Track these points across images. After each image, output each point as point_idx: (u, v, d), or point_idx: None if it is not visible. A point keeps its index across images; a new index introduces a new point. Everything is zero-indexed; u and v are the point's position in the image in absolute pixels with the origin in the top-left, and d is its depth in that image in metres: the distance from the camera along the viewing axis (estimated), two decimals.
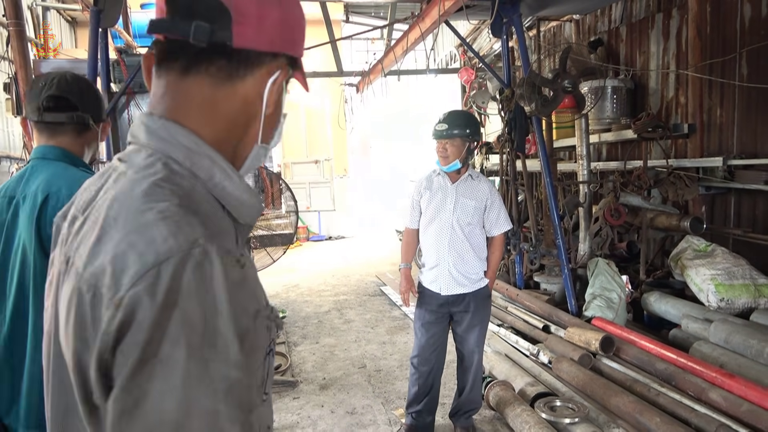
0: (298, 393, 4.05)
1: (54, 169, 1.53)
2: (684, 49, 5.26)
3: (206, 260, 0.64)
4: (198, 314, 0.62)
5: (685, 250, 4.54)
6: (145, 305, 0.60)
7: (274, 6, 0.79)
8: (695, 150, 5.11)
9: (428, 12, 4.91)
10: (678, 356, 3.40)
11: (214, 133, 0.78)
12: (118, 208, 0.69)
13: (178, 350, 0.60)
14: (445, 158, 3.13)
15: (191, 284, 0.62)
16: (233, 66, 0.78)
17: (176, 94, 0.78)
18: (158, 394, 0.59)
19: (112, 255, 0.65)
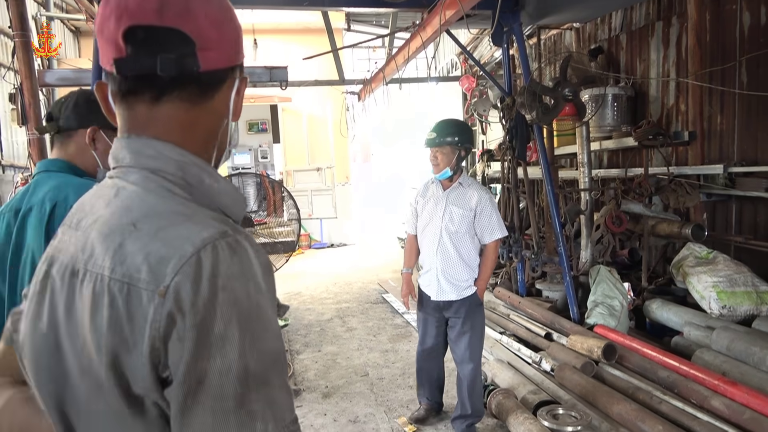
0: (300, 401, 4.05)
1: (59, 179, 1.56)
2: (684, 57, 5.28)
3: (239, 246, 0.70)
4: (243, 293, 0.67)
5: (686, 257, 4.54)
6: (192, 291, 0.65)
7: (229, 26, 0.83)
8: (696, 157, 5.12)
9: (429, 21, 4.95)
10: (680, 364, 3.40)
11: (195, 145, 0.82)
12: (132, 216, 0.73)
13: (231, 328, 0.65)
14: (435, 166, 3.24)
15: (232, 267, 0.68)
16: (203, 88, 0.81)
17: (151, 118, 0.80)
18: (218, 370, 0.64)
19: (145, 254, 0.68)
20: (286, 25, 10.99)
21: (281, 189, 4.91)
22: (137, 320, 0.67)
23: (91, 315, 0.70)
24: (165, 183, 0.77)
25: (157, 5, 0.75)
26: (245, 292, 0.68)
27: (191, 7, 0.77)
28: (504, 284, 5.93)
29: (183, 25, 0.76)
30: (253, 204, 4.70)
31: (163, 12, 0.75)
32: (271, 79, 6.25)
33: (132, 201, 0.75)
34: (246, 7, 5.02)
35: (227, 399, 0.64)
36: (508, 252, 5.41)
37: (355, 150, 14.54)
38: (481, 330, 3.42)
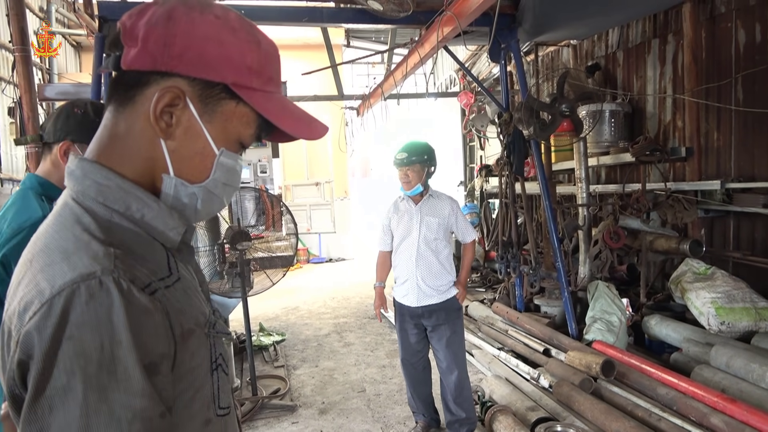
0: (297, 417, 4.01)
1: (15, 198, 1.58)
2: (680, 73, 5.32)
3: (101, 291, 0.64)
4: (94, 344, 0.61)
5: (685, 273, 4.54)
6: (36, 339, 0.61)
7: (159, 26, 0.75)
8: (693, 173, 5.14)
9: (427, 38, 4.99)
10: (679, 380, 3.38)
11: (125, 165, 0.77)
12: (33, 250, 0.71)
13: (74, 380, 0.60)
14: (407, 183, 3.41)
15: (84, 315, 0.62)
16: (124, 89, 0.77)
17: (98, 132, 0.80)
18: (58, 426, 0.59)
19: (21, 296, 0.66)
20: (286, 40, 11.06)
21: (280, 204, 4.90)
22: (6, 362, 0.66)
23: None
24: (77, 210, 0.73)
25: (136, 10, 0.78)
26: (96, 343, 0.61)
27: (148, 9, 0.77)
28: (502, 300, 5.92)
29: (125, 22, 0.76)
30: (251, 218, 4.70)
31: (131, 12, 0.78)
32: None
33: (40, 234, 0.74)
34: None
35: None
36: (507, 267, 5.40)
37: (353, 165, 14.57)
38: (462, 335, 3.53)
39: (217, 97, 0.79)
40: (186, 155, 0.79)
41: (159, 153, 0.78)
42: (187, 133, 0.78)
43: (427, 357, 3.63)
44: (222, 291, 4.36)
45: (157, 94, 0.75)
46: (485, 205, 7.93)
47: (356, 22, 5.09)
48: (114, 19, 4.34)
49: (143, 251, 0.74)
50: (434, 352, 3.51)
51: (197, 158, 0.80)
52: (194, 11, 0.77)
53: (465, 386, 3.41)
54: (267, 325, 6.40)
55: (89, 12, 5.87)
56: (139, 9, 0.77)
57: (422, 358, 3.58)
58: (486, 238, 7.65)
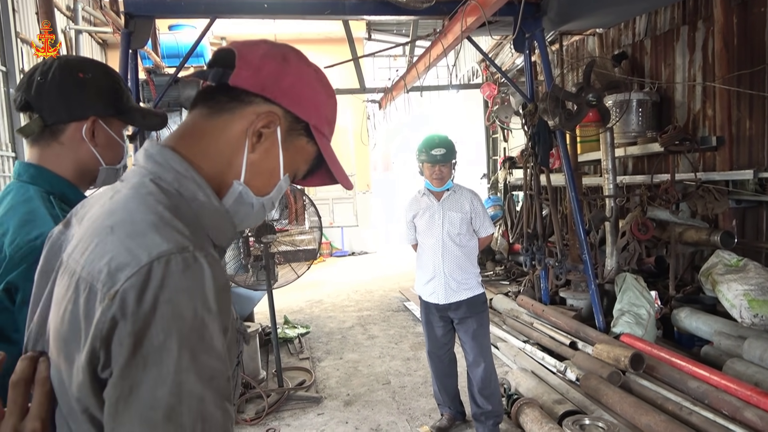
0: (322, 409, 4.04)
1: (18, 199, 1.25)
2: (711, 61, 5.19)
3: (195, 262, 0.71)
4: (189, 308, 0.68)
5: (715, 265, 4.44)
6: (134, 299, 0.66)
7: (275, 61, 0.90)
8: (724, 163, 5.01)
9: (450, 28, 4.94)
10: (711, 374, 3.31)
11: (203, 161, 0.86)
12: (113, 219, 0.76)
13: (170, 341, 0.66)
14: (440, 180, 3.42)
15: (182, 282, 0.69)
16: (226, 100, 0.88)
17: (182, 124, 0.90)
18: (152, 380, 0.65)
19: (110, 257, 0.71)
20: (308, 34, 11.09)
21: (303, 197, 4.92)
22: (89, 319, 0.69)
23: (61, 308, 0.74)
24: (155, 190, 0.80)
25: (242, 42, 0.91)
26: (191, 309, 0.68)
27: (261, 45, 0.91)
28: (527, 292, 5.87)
29: (239, 48, 0.89)
30: (275, 212, 4.72)
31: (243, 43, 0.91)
32: None
33: (118, 205, 0.79)
34: (268, 17, 5.07)
35: (157, 410, 0.65)
36: (531, 259, 5.35)
37: (375, 159, 14.57)
38: (488, 327, 3.53)
39: (298, 132, 0.93)
40: (259, 170, 0.90)
41: (239, 161, 0.88)
42: (267, 152, 0.90)
43: (453, 350, 3.63)
44: (247, 284, 4.40)
45: (262, 114, 0.88)
46: (509, 197, 7.85)
47: (378, 14, 5.07)
48: (139, 15, 4.39)
49: (202, 237, 0.83)
50: (461, 345, 3.51)
51: (266, 175, 0.92)
52: (303, 61, 0.95)
53: (492, 379, 3.40)
54: (291, 317, 6.45)
55: (115, 9, 5.95)
56: (255, 42, 0.91)
57: (448, 350, 3.58)
58: (510, 231, 7.58)
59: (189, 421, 0.66)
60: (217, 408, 0.69)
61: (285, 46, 0.94)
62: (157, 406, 0.65)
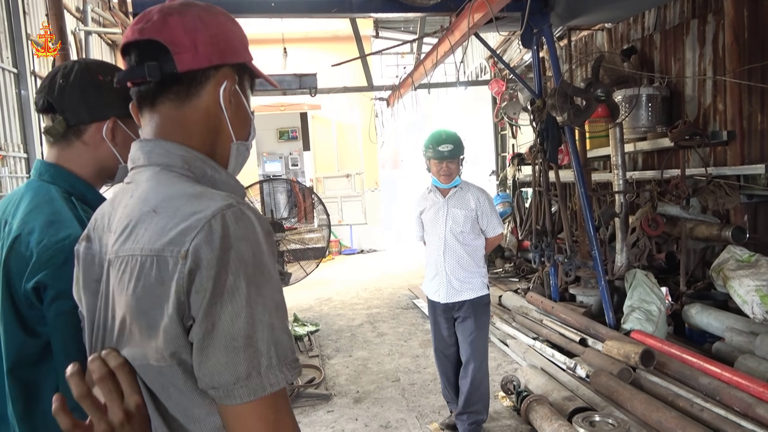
0: (332, 406, 4.06)
1: (40, 199, 1.26)
2: (721, 54, 5.14)
3: (243, 214, 0.83)
4: (248, 251, 0.80)
5: (727, 260, 4.40)
6: (207, 250, 0.78)
7: (201, 30, 0.95)
8: (735, 157, 4.96)
9: (457, 25, 4.93)
10: (722, 370, 3.29)
11: (194, 141, 0.96)
12: (151, 204, 0.87)
13: (239, 280, 0.78)
14: (448, 176, 3.38)
15: (238, 230, 0.80)
16: (186, 87, 0.95)
17: (155, 121, 0.96)
18: (230, 314, 0.77)
19: (168, 230, 0.81)
20: (315, 33, 11.10)
21: (311, 195, 4.94)
22: (166, 282, 0.80)
23: (127, 289, 0.84)
24: (173, 175, 0.91)
25: (140, 25, 0.94)
26: (250, 251, 0.80)
27: (168, 20, 0.94)
28: (536, 289, 5.85)
29: (158, 35, 0.93)
30: (284, 210, 4.74)
31: (144, 29, 0.93)
32: (300, 87, 6.33)
33: (148, 194, 0.89)
34: (275, 16, 5.09)
35: (237, 339, 0.77)
36: (541, 256, 5.33)
37: (384, 156, 14.57)
38: (486, 330, 3.51)
39: (241, 72, 1.02)
40: (238, 122, 1.02)
41: (225, 128, 1.00)
42: (238, 105, 1.01)
43: (458, 346, 3.58)
44: None
45: (225, 83, 0.97)
46: (518, 194, 7.83)
47: (385, 12, 5.07)
48: None
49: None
50: (459, 342, 3.49)
51: (243, 121, 1.03)
52: (210, 11, 0.99)
53: (481, 382, 3.40)
54: (301, 315, 6.47)
55: (124, 10, 5.99)
56: (162, 21, 0.93)
57: (455, 350, 3.55)
58: (519, 228, 7.56)
59: (264, 346, 0.78)
60: (284, 333, 0.81)
61: (186, 5, 0.97)
62: (237, 336, 0.77)
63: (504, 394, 3.92)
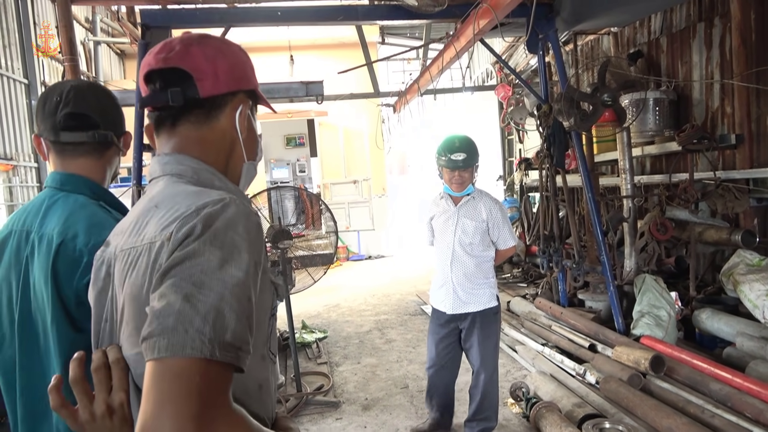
0: (340, 413, 4.06)
1: (72, 206, 1.35)
2: (728, 57, 5.12)
3: (232, 203, 0.89)
4: (226, 233, 0.84)
5: (737, 264, 4.37)
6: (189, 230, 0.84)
7: (221, 59, 1.05)
8: (744, 161, 4.94)
9: (463, 31, 4.94)
10: (733, 376, 3.26)
11: (209, 158, 1.05)
12: (156, 201, 0.95)
13: (208, 251, 0.82)
14: (460, 185, 3.28)
15: (222, 216, 0.86)
16: (206, 111, 1.05)
17: (174, 140, 1.05)
18: (186, 271, 0.80)
19: (163, 221, 0.89)
20: (322, 40, 11.16)
21: (319, 202, 4.95)
22: (152, 265, 0.86)
23: (127, 279, 0.91)
24: (183, 181, 0.99)
25: (164, 54, 1.02)
26: (228, 234, 0.84)
27: (190, 50, 1.02)
28: (545, 295, 5.83)
29: (182, 63, 1.01)
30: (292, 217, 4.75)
31: (168, 58, 1.01)
32: (307, 94, 6.35)
33: (156, 194, 0.98)
34: (282, 25, 5.12)
35: (179, 291, 0.78)
36: (549, 261, 5.32)
37: (391, 162, 14.58)
38: (497, 338, 3.42)
39: (252, 97, 1.14)
40: (249, 143, 1.12)
41: (238, 148, 1.10)
42: (250, 127, 1.13)
43: (458, 364, 3.49)
44: None
45: (240, 108, 1.08)
46: (525, 199, 7.82)
47: (391, 19, 5.08)
48: (156, 26, 4.46)
49: None
50: (465, 352, 3.41)
51: (254, 142, 1.15)
52: (227, 43, 1.10)
53: (490, 391, 3.34)
54: (309, 322, 6.48)
55: (132, 20, 6.05)
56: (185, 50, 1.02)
57: (451, 363, 3.43)
58: (527, 233, 7.54)
59: (203, 309, 0.77)
60: (232, 311, 0.79)
61: (204, 37, 1.07)
62: (181, 289, 0.78)
63: (513, 400, 3.90)
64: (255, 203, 4.37)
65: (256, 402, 0.96)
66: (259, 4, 4.76)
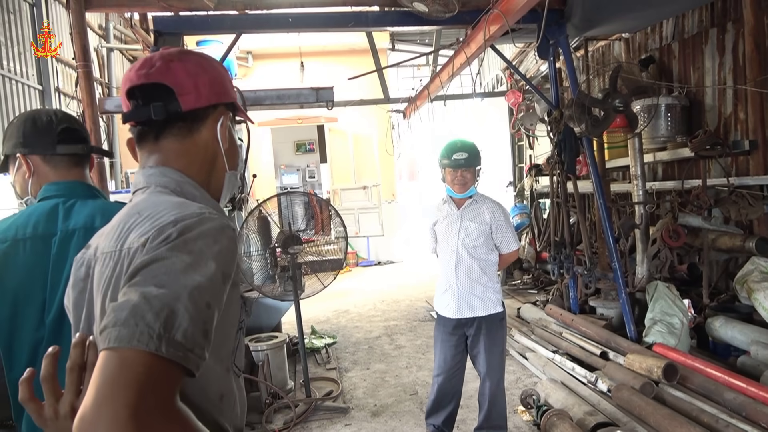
0: (349, 419, 4.04)
1: (95, 203, 1.58)
2: (741, 63, 5.07)
3: (211, 218, 0.92)
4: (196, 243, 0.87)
5: (751, 272, 4.31)
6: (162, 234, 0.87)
7: (201, 74, 1.09)
8: (758, 167, 4.88)
9: (473, 37, 4.94)
10: (748, 385, 3.22)
11: (192, 169, 1.09)
12: (139, 208, 0.98)
13: (173, 256, 0.84)
14: (463, 185, 3.29)
15: (195, 228, 0.89)
16: (188, 124, 1.09)
17: (158, 153, 1.09)
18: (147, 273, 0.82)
19: (142, 229, 0.92)
20: (332, 47, 11.21)
21: (328, 207, 4.96)
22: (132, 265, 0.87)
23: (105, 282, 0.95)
24: (166, 191, 1.03)
25: (145, 70, 1.05)
26: (195, 242, 0.87)
27: (171, 66, 1.06)
28: (555, 301, 5.79)
29: (164, 79, 1.05)
30: (302, 223, 4.75)
31: (149, 74, 1.05)
32: (317, 100, 6.36)
33: (140, 203, 1.01)
34: (293, 31, 5.15)
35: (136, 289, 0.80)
36: (559, 268, 5.28)
37: (401, 168, 14.57)
38: (503, 345, 3.38)
39: (230, 109, 1.17)
40: (230, 154, 1.16)
41: (220, 159, 1.15)
42: (230, 138, 1.17)
43: (463, 372, 3.43)
44: (274, 294, 4.44)
45: (221, 120, 1.13)
46: (536, 205, 7.77)
47: (401, 25, 5.11)
48: (168, 32, 4.50)
49: None
50: (472, 359, 3.37)
51: (234, 152, 1.18)
52: (206, 58, 1.13)
53: (498, 399, 3.30)
54: (318, 327, 6.48)
55: (145, 27, 6.10)
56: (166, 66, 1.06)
57: (458, 371, 3.37)
58: (537, 239, 7.50)
59: (158, 305, 0.78)
60: (186, 312, 0.79)
61: (184, 53, 1.11)
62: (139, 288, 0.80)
63: (524, 408, 3.87)
64: (265, 208, 4.38)
65: (216, 411, 0.97)
66: (270, 10, 4.79)
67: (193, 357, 0.79)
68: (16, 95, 5.41)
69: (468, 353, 3.40)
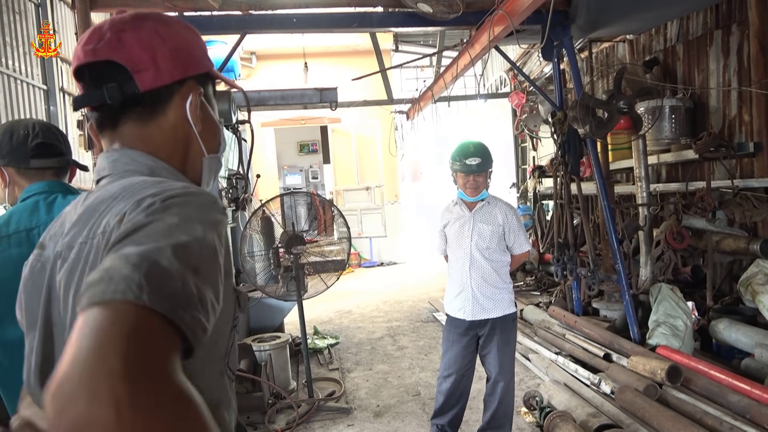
0: (352, 420, 4.04)
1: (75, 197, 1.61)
2: (746, 65, 5.06)
3: (194, 188, 0.80)
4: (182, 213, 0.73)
5: (755, 274, 4.30)
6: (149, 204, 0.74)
7: (159, 45, 0.90)
8: (762, 169, 4.87)
9: (477, 38, 4.94)
10: (752, 387, 3.21)
11: (162, 152, 0.93)
12: (111, 192, 0.83)
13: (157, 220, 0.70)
14: (476, 189, 3.28)
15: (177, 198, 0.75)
16: (150, 106, 0.92)
17: (120, 138, 0.93)
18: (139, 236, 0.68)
19: (117, 208, 0.78)
20: (336, 47, 11.22)
21: (332, 208, 4.97)
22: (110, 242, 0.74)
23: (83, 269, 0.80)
24: (138, 176, 0.87)
25: (92, 45, 0.88)
26: (182, 206, 0.74)
27: (122, 38, 0.88)
28: (558, 303, 5.78)
29: (114, 55, 0.88)
30: (305, 223, 4.75)
31: (97, 50, 0.88)
32: (321, 101, 6.38)
33: (109, 188, 0.86)
34: (297, 32, 5.16)
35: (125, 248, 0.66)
36: (563, 269, 5.27)
37: (404, 169, 14.57)
38: (515, 346, 3.39)
39: (205, 82, 0.99)
40: (208, 135, 0.99)
41: (194, 141, 0.97)
42: (205, 117, 0.98)
43: (472, 373, 3.41)
44: (277, 295, 4.44)
45: (190, 98, 0.94)
46: (539, 206, 7.77)
47: (405, 26, 5.10)
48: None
49: None
50: (481, 358, 3.37)
51: (213, 133, 1.01)
52: (166, 22, 0.94)
53: (507, 400, 3.31)
54: (321, 328, 6.48)
55: None
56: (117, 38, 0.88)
57: (467, 372, 3.36)
58: (541, 241, 7.49)
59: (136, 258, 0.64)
60: (172, 267, 0.64)
61: (138, 19, 0.92)
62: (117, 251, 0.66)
63: (527, 409, 3.86)
64: (269, 209, 4.38)
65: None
66: (274, 11, 4.80)
67: (186, 317, 0.62)
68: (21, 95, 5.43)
69: (477, 353, 3.41)
